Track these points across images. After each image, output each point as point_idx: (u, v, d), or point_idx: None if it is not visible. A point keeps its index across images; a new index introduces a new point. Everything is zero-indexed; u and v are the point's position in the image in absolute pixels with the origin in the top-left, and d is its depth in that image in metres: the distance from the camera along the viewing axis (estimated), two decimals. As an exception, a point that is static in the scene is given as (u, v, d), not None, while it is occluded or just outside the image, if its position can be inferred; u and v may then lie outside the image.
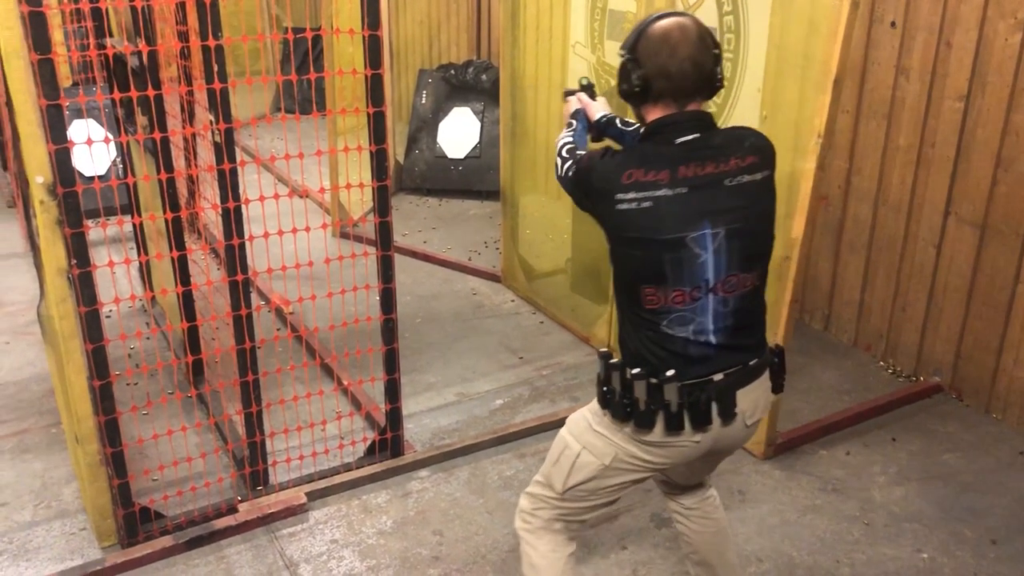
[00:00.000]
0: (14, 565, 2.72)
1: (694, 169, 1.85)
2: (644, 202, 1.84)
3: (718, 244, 1.87)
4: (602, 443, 2.00)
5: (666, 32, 1.87)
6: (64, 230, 2.41)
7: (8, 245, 5.23)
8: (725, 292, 1.90)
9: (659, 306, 1.89)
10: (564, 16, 5.08)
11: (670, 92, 1.88)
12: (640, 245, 1.87)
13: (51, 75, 2.31)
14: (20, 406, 3.58)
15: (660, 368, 1.90)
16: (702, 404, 1.91)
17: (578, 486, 2.05)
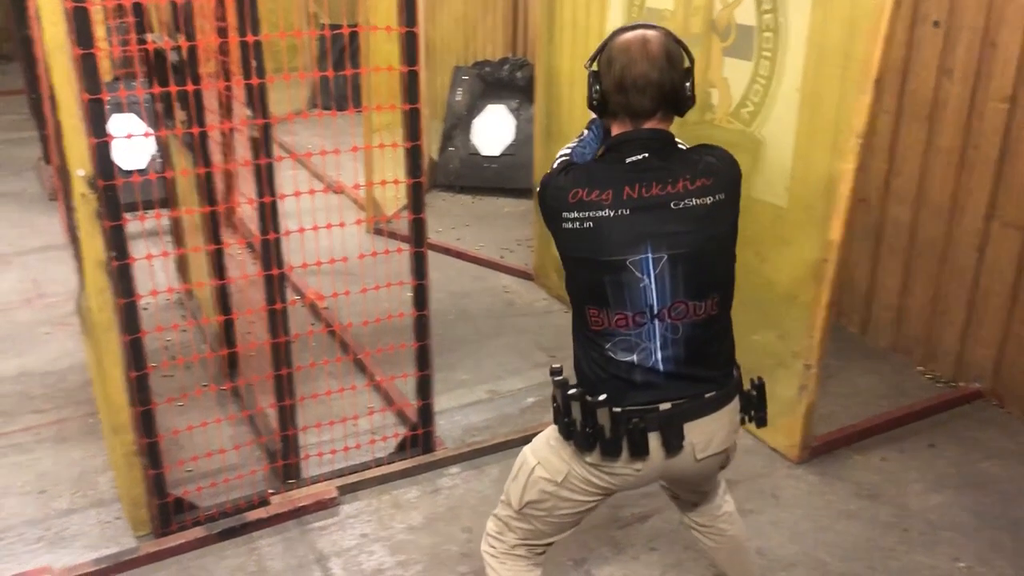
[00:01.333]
0: (51, 551, 2.77)
1: (639, 190, 1.79)
2: (586, 222, 1.79)
3: (660, 269, 1.80)
4: (556, 460, 1.96)
5: (626, 46, 1.80)
6: (103, 223, 2.44)
7: (49, 237, 5.31)
8: (673, 319, 1.83)
9: (602, 328, 1.85)
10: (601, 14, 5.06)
11: (624, 108, 1.82)
12: (582, 265, 1.84)
13: (93, 70, 2.35)
14: (59, 395, 3.64)
15: (599, 390, 1.85)
16: (636, 433, 1.84)
17: (533, 504, 2.00)
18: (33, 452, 3.26)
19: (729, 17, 4.23)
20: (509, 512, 2.07)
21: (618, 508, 2.99)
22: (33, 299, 4.53)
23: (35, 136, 6.77)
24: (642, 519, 2.95)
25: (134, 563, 2.70)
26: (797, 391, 3.19)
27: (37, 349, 4.01)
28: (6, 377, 3.77)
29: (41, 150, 6.51)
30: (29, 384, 3.72)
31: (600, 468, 1.91)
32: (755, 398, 2.02)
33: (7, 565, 2.71)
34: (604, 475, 1.92)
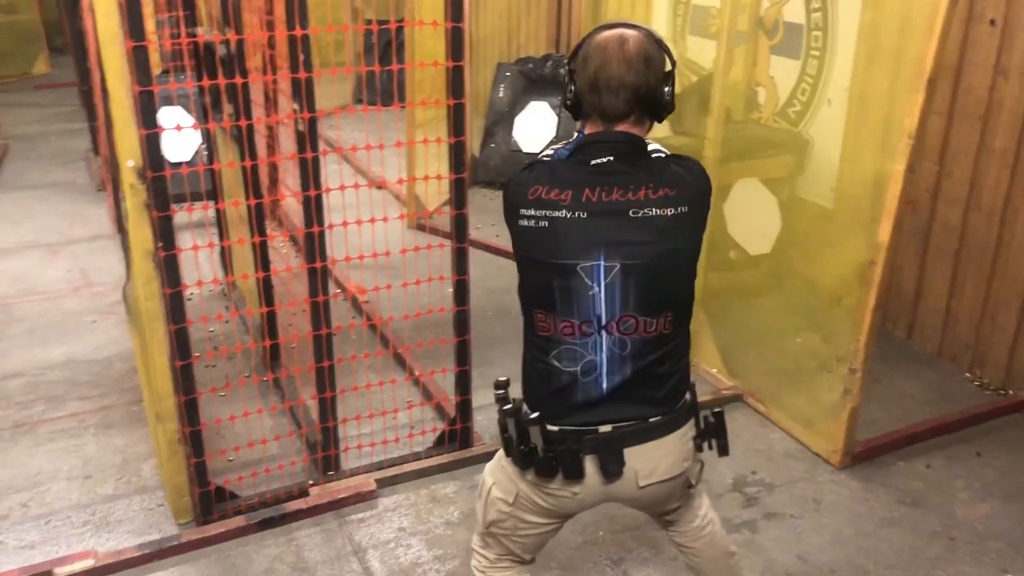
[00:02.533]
0: (96, 536, 2.82)
1: (599, 194, 1.71)
2: (542, 221, 1.73)
3: (612, 279, 1.72)
4: (505, 478, 1.91)
5: (602, 45, 1.73)
6: (152, 213, 2.47)
7: (97, 227, 5.40)
8: (621, 333, 1.74)
9: (548, 334, 1.78)
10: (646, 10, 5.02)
11: (596, 109, 1.75)
12: (533, 266, 1.78)
13: (144, 62, 2.38)
14: (104, 383, 3.70)
15: (536, 406, 1.79)
16: (569, 455, 1.77)
17: (496, 523, 1.96)
18: (79, 438, 3.32)
19: (777, 15, 4.17)
20: (480, 529, 2.03)
21: (656, 509, 2.97)
22: (81, 288, 4.61)
23: (85, 128, 6.90)
24: (680, 520, 2.92)
25: (176, 550, 2.73)
26: (840, 395, 3.14)
27: (84, 337, 4.09)
28: (54, 364, 3.84)
29: (90, 141, 6.63)
30: (76, 371, 3.79)
31: (540, 488, 1.85)
32: (713, 425, 1.92)
33: (54, 547, 2.76)
34: (544, 495, 1.85)
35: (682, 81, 4.79)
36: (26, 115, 8.00)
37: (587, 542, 2.82)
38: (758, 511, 2.97)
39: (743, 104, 4.37)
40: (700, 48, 4.65)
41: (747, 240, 4.10)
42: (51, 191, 6.10)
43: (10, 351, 3.94)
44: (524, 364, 1.88)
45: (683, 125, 4.19)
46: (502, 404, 1.81)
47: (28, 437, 3.32)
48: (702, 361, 3.84)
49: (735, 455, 3.26)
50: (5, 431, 3.35)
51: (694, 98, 4.18)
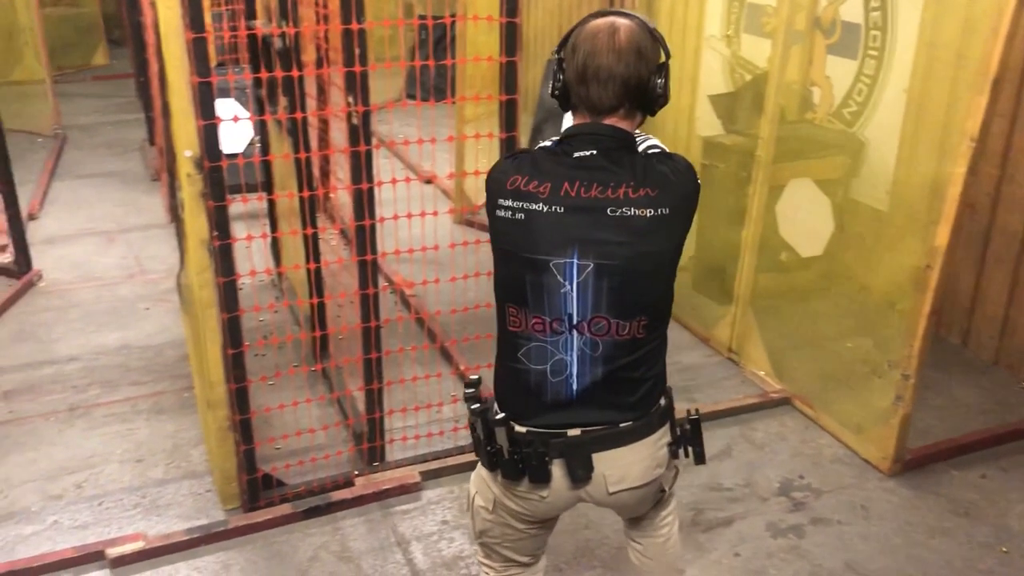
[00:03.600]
0: (146, 519, 2.87)
1: (578, 189, 1.64)
2: (518, 213, 1.67)
3: (584, 278, 1.65)
4: (484, 486, 1.87)
5: (593, 34, 1.65)
6: (208, 203, 2.51)
7: (151, 216, 5.50)
8: (593, 334, 1.68)
9: (519, 330, 1.72)
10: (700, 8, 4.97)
11: (584, 101, 1.67)
12: (507, 258, 1.72)
13: (204, 53, 2.41)
14: (156, 369, 3.77)
15: (504, 405, 1.75)
16: (535, 458, 1.72)
17: (485, 533, 1.93)
18: (132, 422, 3.39)
19: (834, 14, 4.11)
20: (475, 540, 2.01)
21: (700, 511, 2.94)
22: (135, 275, 4.70)
23: (140, 118, 7.04)
24: (726, 523, 2.89)
25: (223, 535, 2.78)
26: (892, 401, 3.08)
27: (137, 323, 4.17)
28: (108, 349, 3.92)
29: (146, 132, 6.76)
30: (129, 357, 3.87)
31: (508, 491, 1.81)
32: (689, 432, 1.86)
33: (106, 528, 2.82)
34: (514, 498, 1.81)
35: (735, 80, 4.74)
36: (84, 105, 8.17)
37: (630, 542, 2.80)
38: (805, 516, 2.93)
39: (797, 104, 4.31)
40: (754, 46, 4.59)
41: (798, 241, 4.04)
42: (107, 180, 6.23)
43: (67, 336, 4.03)
44: (495, 363, 1.83)
45: (736, 124, 4.14)
46: (471, 403, 1.76)
47: (83, 420, 3.40)
48: (749, 363, 3.80)
49: (782, 459, 3.23)
50: (61, 413, 3.43)
51: (747, 97, 4.13)
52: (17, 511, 2.90)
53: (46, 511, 2.90)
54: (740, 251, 3.77)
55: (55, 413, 3.44)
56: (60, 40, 8.84)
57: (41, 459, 3.16)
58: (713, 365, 3.88)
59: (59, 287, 4.54)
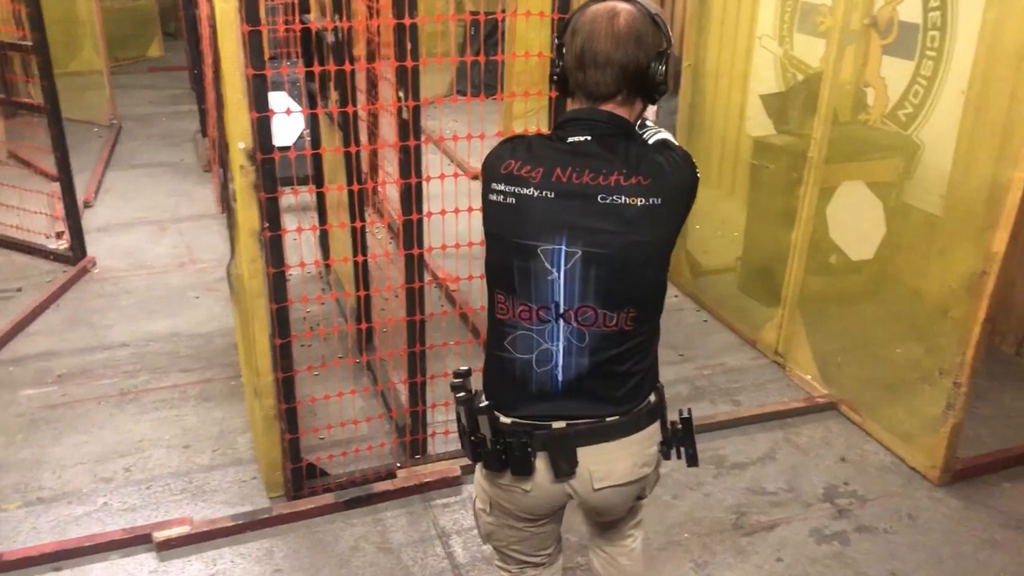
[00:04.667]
0: (193, 503, 2.92)
1: (570, 175, 1.61)
2: (509, 197, 1.64)
3: (572, 265, 1.62)
4: (480, 490, 1.86)
5: (592, 19, 1.62)
6: (259, 194, 2.54)
7: (203, 206, 5.59)
8: (580, 324, 1.65)
9: (506, 318, 1.70)
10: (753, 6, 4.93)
11: (582, 86, 1.65)
12: (496, 243, 1.70)
13: (258, 46, 2.44)
14: (205, 357, 3.83)
15: (489, 394, 1.73)
16: (517, 449, 1.68)
17: (491, 537, 1.90)
18: (180, 408, 3.45)
19: (892, 14, 4.04)
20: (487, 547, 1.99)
21: (742, 515, 2.92)
22: (186, 264, 4.78)
23: (194, 110, 7.15)
24: (769, 528, 2.86)
25: (267, 522, 2.81)
26: (943, 409, 3.02)
27: (187, 311, 4.24)
28: (159, 336, 4.00)
29: (199, 123, 6.87)
30: (178, 344, 3.94)
31: (493, 484, 1.78)
32: (681, 432, 1.83)
33: (153, 512, 2.88)
34: (499, 492, 1.79)
35: (787, 79, 4.68)
36: (139, 96, 8.34)
37: (671, 543, 2.79)
38: (849, 523, 2.89)
39: (851, 104, 4.25)
40: (807, 46, 4.54)
41: (849, 244, 3.98)
42: (160, 170, 6.34)
43: (119, 322, 4.12)
44: (484, 350, 1.82)
45: (787, 124, 4.09)
46: (457, 392, 1.74)
47: (133, 405, 3.47)
48: (796, 366, 3.75)
49: (827, 464, 3.18)
50: (112, 398, 3.51)
51: (800, 97, 4.08)
52: (69, 492, 2.97)
53: (96, 493, 2.97)
54: (789, 253, 3.72)
55: (106, 397, 3.51)
56: (118, 32, 9.02)
57: (92, 442, 3.23)
58: (759, 368, 3.83)
59: (112, 274, 4.64)
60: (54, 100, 4.43)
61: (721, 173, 5.21)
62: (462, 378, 1.76)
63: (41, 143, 4.83)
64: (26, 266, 4.69)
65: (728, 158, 5.15)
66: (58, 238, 4.82)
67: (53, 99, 4.42)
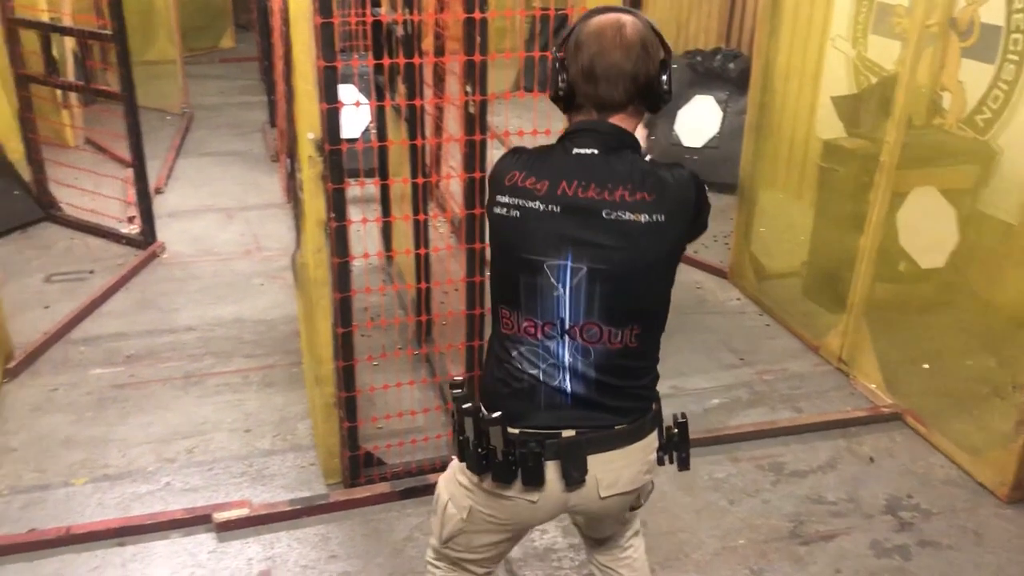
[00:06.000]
0: (252, 487, 2.98)
1: (576, 189, 1.60)
2: (513, 210, 1.63)
3: (577, 282, 1.61)
4: (461, 494, 1.80)
5: (599, 30, 1.61)
6: (327, 185, 2.57)
7: (269, 195, 5.69)
8: (585, 340, 1.64)
9: (511, 332, 1.69)
10: (826, 7, 4.83)
11: (591, 99, 1.63)
12: (501, 258, 1.68)
13: (330, 38, 2.47)
14: (268, 343, 3.90)
15: (497, 405, 1.68)
16: (530, 459, 1.66)
17: (452, 540, 1.86)
18: (242, 393, 3.52)
19: (973, 15, 3.92)
20: (436, 544, 1.93)
21: (800, 523, 2.87)
22: (252, 251, 4.87)
23: (263, 101, 7.28)
24: (827, 538, 2.81)
25: (324, 508, 2.85)
26: (1014, 425, 2.93)
27: (252, 298, 4.32)
28: (224, 321, 4.08)
29: (267, 114, 6.99)
30: (242, 330, 4.01)
31: (497, 496, 1.74)
32: (676, 437, 1.82)
33: (214, 493, 2.94)
34: (497, 503, 1.75)
35: (860, 81, 4.58)
36: (211, 86, 8.51)
37: (726, 548, 2.75)
38: (912, 537, 2.82)
39: (926, 108, 4.13)
40: (882, 48, 4.43)
41: (919, 252, 3.88)
42: (229, 159, 6.47)
43: (187, 306, 4.21)
44: (486, 363, 1.80)
45: (859, 127, 4.00)
46: (460, 403, 1.69)
47: (197, 388, 3.54)
48: (860, 374, 3.67)
49: (890, 476, 3.11)
50: (177, 380, 3.59)
51: (873, 100, 3.99)
52: (134, 470, 3.05)
53: (160, 472, 3.04)
54: (856, 259, 3.64)
55: (172, 380, 3.60)
56: (191, 23, 9.22)
57: (157, 422, 3.31)
58: (821, 375, 3.76)
59: (180, 259, 4.74)
60: (131, 88, 4.54)
61: (788, 175, 5.12)
62: (461, 388, 1.73)
63: (116, 130, 4.96)
64: (98, 249, 4.83)
65: (796, 160, 5.05)
66: (130, 223, 4.95)
67: (130, 87, 4.53)
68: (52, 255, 4.75)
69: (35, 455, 3.11)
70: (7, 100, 5.33)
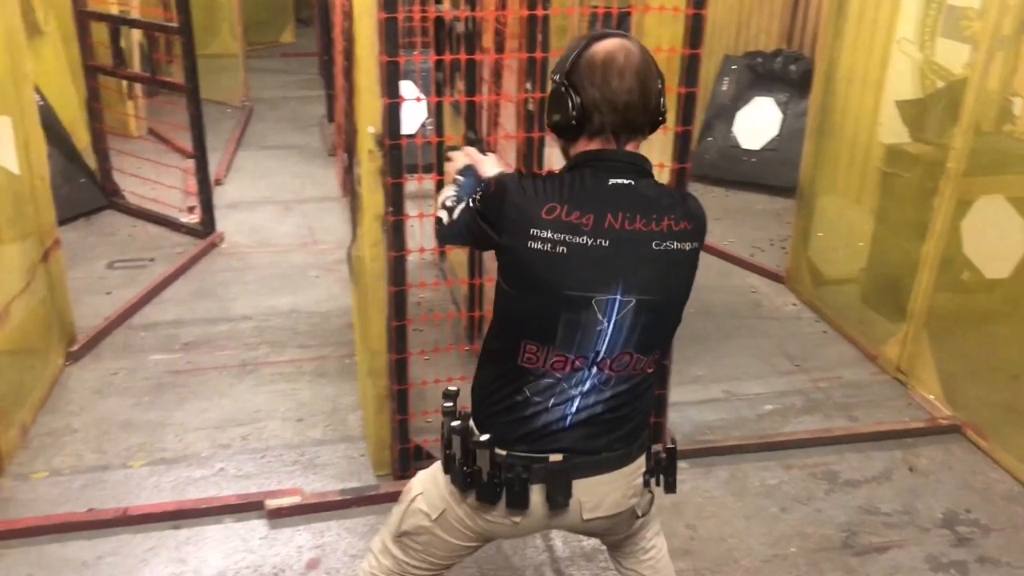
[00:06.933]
0: (304, 475, 3.02)
1: (622, 221, 1.56)
2: (559, 246, 1.55)
3: (624, 314, 1.59)
4: (436, 493, 1.78)
5: (610, 55, 1.58)
6: (386, 180, 2.59)
7: (326, 189, 5.76)
8: (612, 371, 1.63)
9: (534, 367, 1.63)
10: (893, 8, 4.72)
11: (612, 125, 1.60)
12: (538, 295, 1.59)
13: (394, 34, 2.49)
14: (321, 334, 3.95)
15: (488, 427, 1.67)
16: (517, 483, 1.65)
17: (409, 535, 1.83)
18: (296, 382, 3.56)
19: (1049, 18, 3.80)
20: (388, 535, 1.90)
21: (853, 534, 2.81)
22: (307, 243, 4.93)
23: (321, 95, 7.36)
24: (881, 549, 2.75)
25: (373, 499, 2.88)
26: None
27: (307, 289, 4.37)
28: (280, 312, 4.14)
29: (325, 109, 7.06)
30: (297, 320, 4.06)
31: (475, 511, 1.73)
32: (664, 461, 1.83)
33: (266, 480, 2.98)
34: (478, 518, 1.74)
35: (927, 86, 4.47)
36: (271, 80, 8.64)
37: (777, 556, 2.72)
38: (970, 553, 2.75)
39: (995, 114, 4.02)
40: (951, 51, 4.32)
41: (984, 261, 3.78)
42: (287, 152, 6.56)
43: (243, 296, 4.29)
44: (483, 388, 1.74)
45: (924, 132, 3.91)
46: (450, 419, 1.70)
47: (252, 376, 3.60)
48: (918, 385, 3.59)
49: (948, 489, 3.04)
50: (233, 368, 3.65)
51: (940, 105, 3.90)
52: (189, 455, 3.11)
53: (215, 458, 3.09)
54: (918, 266, 3.57)
55: (227, 367, 3.66)
56: (253, 18, 9.37)
57: (213, 409, 3.37)
58: (878, 384, 3.69)
59: (238, 250, 4.82)
60: (195, 80, 4.63)
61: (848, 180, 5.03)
62: (452, 401, 1.73)
63: (179, 121, 5.06)
64: (159, 237, 4.93)
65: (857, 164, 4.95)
66: (190, 212, 5.05)
67: (194, 79, 4.62)
68: (115, 242, 4.87)
69: (95, 437, 3.18)
70: (76, 90, 5.47)
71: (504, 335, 1.68)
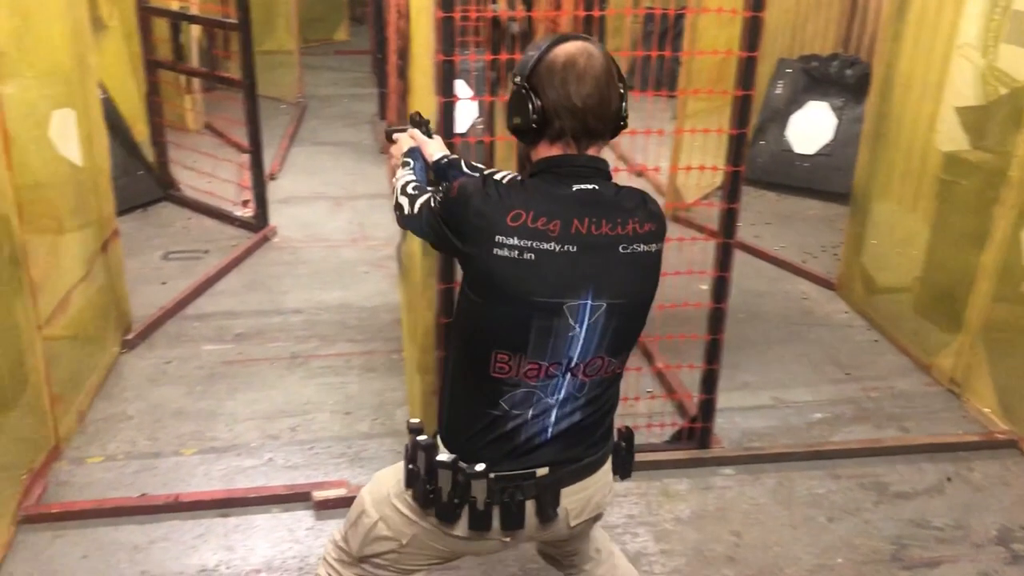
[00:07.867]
0: (351, 468, 3.05)
1: (588, 226, 1.55)
2: (526, 253, 1.53)
3: (595, 319, 1.58)
4: (401, 521, 1.74)
5: (571, 59, 1.56)
6: (438, 177, 2.61)
7: (377, 186, 5.81)
8: (585, 376, 1.63)
9: (506, 376, 1.60)
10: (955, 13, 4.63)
11: (572, 130, 1.58)
12: (507, 303, 1.56)
13: (451, 33, 2.50)
14: (370, 329, 3.99)
15: (475, 455, 1.64)
16: (515, 505, 1.64)
17: (375, 556, 1.79)
18: (344, 376, 3.60)
19: (1119, 25, 3.70)
20: (349, 555, 1.85)
21: (903, 547, 2.77)
22: (358, 240, 4.98)
23: (374, 93, 7.44)
24: (931, 564, 2.70)
25: (418, 495, 2.89)
26: None
27: (356, 285, 4.42)
28: (330, 306, 4.19)
29: (377, 106, 7.13)
30: (347, 315, 4.11)
31: (462, 539, 1.71)
32: (623, 450, 1.84)
33: (314, 472, 3.02)
34: (462, 543, 1.72)
35: (989, 92, 4.37)
36: (324, 78, 8.74)
37: (823, 566, 2.68)
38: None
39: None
40: (1015, 58, 4.22)
41: (1045, 273, 3.69)
42: (339, 149, 6.64)
43: (295, 289, 4.35)
44: (455, 405, 1.71)
45: (986, 139, 3.83)
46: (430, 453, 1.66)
47: (302, 369, 3.65)
48: (973, 397, 3.52)
49: (1003, 505, 2.98)
50: (283, 360, 3.71)
51: (1002, 112, 3.80)
52: (239, 444, 3.16)
53: (264, 448, 3.14)
54: (976, 277, 3.49)
55: (278, 359, 3.71)
56: (309, 15, 9.49)
57: (263, 400, 3.43)
58: (931, 395, 3.62)
59: (290, 244, 4.89)
60: (252, 76, 4.70)
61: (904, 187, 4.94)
62: (422, 432, 1.72)
63: (234, 116, 5.15)
64: (213, 230, 5.02)
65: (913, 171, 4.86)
66: (244, 206, 5.13)
67: (251, 75, 4.70)
68: (170, 234, 4.97)
69: (149, 424, 3.25)
70: (136, 85, 5.60)
71: (472, 346, 1.64)
